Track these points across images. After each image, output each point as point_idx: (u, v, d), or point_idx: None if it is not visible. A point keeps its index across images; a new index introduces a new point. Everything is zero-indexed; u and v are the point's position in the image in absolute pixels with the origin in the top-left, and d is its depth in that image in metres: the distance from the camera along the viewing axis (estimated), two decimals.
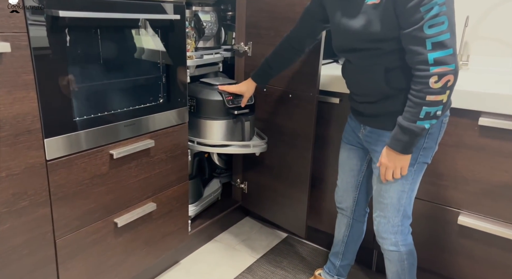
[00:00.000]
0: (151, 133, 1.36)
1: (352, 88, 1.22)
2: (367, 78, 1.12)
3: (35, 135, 1.00)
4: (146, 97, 1.35)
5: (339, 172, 1.41)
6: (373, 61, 1.08)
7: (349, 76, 1.21)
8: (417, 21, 0.94)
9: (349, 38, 1.10)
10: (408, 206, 1.19)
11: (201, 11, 1.68)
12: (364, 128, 1.23)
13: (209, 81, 1.66)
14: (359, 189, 1.37)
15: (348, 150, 1.34)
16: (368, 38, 1.04)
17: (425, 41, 0.94)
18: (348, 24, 1.08)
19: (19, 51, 0.92)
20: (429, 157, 1.15)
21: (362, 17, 1.04)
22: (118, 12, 1.14)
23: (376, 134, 1.18)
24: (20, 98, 0.95)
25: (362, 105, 1.20)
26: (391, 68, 1.06)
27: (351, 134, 1.31)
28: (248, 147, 1.63)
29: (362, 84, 1.15)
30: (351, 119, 1.32)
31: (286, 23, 1.57)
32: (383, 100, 1.11)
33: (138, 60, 1.33)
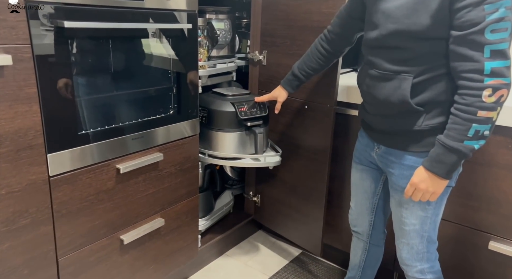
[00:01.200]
0: (160, 146, 1.30)
1: (367, 97, 1.09)
2: (390, 86, 0.98)
3: (38, 150, 0.96)
4: (155, 109, 1.30)
5: (352, 193, 1.30)
6: (403, 66, 0.95)
7: (367, 82, 1.07)
8: (478, 22, 0.81)
9: (384, 29, 0.95)
10: (433, 231, 1.08)
11: (215, 19, 1.63)
12: (378, 146, 1.11)
13: (222, 91, 1.60)
14: (375, 212, 1.26)
15: (361, 171, 1.22)
16: (408, 34, 0.91)
17: (484, 47, 0.81)
18: (388, 11, 0.94)
19: (22, 64, 0.88)
20: (454, 180, 1.04)
21: (408, 6, 0.90)
22: (127, 22, 1.09)
23: (393, 155, 1.06)
24: (22, 112, 0.91)
25: (377, 119, 1.08)
26: (421, 78, 0.94)
27: (363, 153, 1.20)
28: (261, 160, 1.55)
29: (382, 94, 1.01)
30: (362, 136, 1.21)
31: (303, 32, 1.50)
32: (402, 115, 0.99)
33: (147, 70, 1.29)
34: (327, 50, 1.26)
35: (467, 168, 1.26)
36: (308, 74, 1.32)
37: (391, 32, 0.94)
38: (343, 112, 1.54)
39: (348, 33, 1.21)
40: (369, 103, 1.09)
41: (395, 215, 1.11)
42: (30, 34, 0.88)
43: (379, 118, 1.07)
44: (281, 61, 1.62)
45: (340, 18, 1.20)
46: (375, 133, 1.11)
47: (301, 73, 1.33)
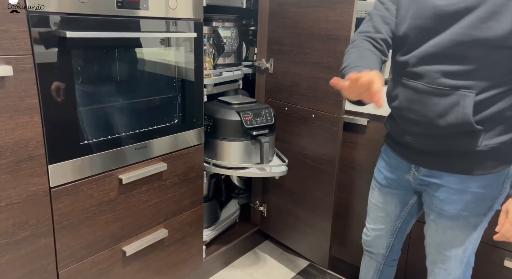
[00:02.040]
0: (164, 156, 1.28)
1: (408, 114, 0.92)
2: (445, 104, 0.83)
3: (38, 161, 0.94)
4: (160, 118, 1.29)
5: (369, 214, 1.18)
6: (464, 80, 0.80)
7: (408, 98, 0.90)
8: None
9: (438, 36, 0.80)
10: (472, 255, 1.01)
11: (221, 27, 1.62)
12: (417, 169, 0.98)
13: (227, 99, 1.58)
14: (396, 235, 1.15)
15: (385, 194, 1.09)
16: (481, 41, 0.76)
17: None
18: (451, 18, 0.78)
19: (23, 74, 0.87)
20: (501, 203, 0.94)
21: (483, 7, 0.75)
22: (130, 31, 1.08)
23: (438, 178, 0.94)
24: (23, 123, 0.90)
25: (420, 139, 0.93)
26: (485, 95, 0.81)
27: (392, 175, 1.05)
28: (266, 170, 1.52)
29: (434, 112, 0.85)
30: (389, 156, 1.06)
31: (310, 40, 1.47)
32: (459, 135, 0.85)
33: (152, 79, 1.28)
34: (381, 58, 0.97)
35: None
36: None
37: (457, 39, 0.79)
38: (351, 122, 1.50)
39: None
40: (410, 122, 0.93)
41: (434, 240, 1.01)
42: (32, 44, 0.88)
43: (423, 139, 0.93)
44: (288, 69, 1.59)
45: (386, 24, 0.96)
46: (415, 154, 0.97)
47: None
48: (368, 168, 1.47)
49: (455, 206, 0.94)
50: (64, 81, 0.96)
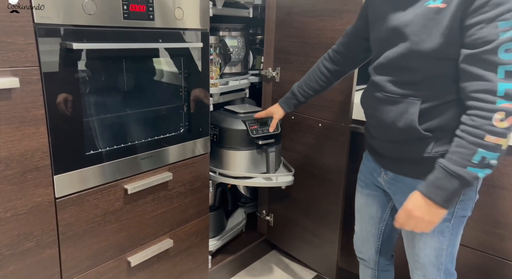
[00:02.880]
0: (169, 165, 1.28)
1: (372, 121, 1.01)
2: (396, 110, 0.91)
3: (44, 172, 0.95)
4: (166, 127, 1.29)
5: (356, 218, 1.21)
6: (411, 89, 0.88)
7: (372, 105, 0.99)
8: (491, 40, 0.75)
9: (393, 48, 0.89)
10: (450, 263, 1.00)
11: (228, 36, 1.62)
12: (385, 172, 1.04)
13: (234, 108, 1.58)
14: (381, 238, 1.17)
15: (366, 196, 1.14)
16: (419, 53, 0.84)
17: (498, 67, 0.75)
18: (397, 28, 0.87)
19: (30, 86, 0.88)
20: (468, 209, 0.96)
21: (416, 22, 0.84)
22: (137, 42, 1.09)
23: (401, 183, 0.99)
24: (29, 134, 0.90)
25: (383, 144, 1.01)
26: (430, 103, 0.87)
27: (368, 176, 1.12)
28: (273, 180, 1.51)
29: (388, 118, 0.93)
30: (367, 159, 1.13)
31: (316, 49, 1.47)
32: (411, 141, 0.92)
33: (158, 89, 1.28)
34: (329, 70, 1.19)
35: (493, 194, 1.18)
36: (307, 94, 1.25)
37: (400, 51, 0.88)
38: (358, 131, 1.48)
39: (353, 53, 1.15)
40: (374, 127, 1.02)
41: (408, 246, 1.03)
42: (39, 56, 0.89)
43: (386, 144, 1.00)
44: (294, 78, 1.58)
45: (346, 37, 1.14)
46: (382, 159, 1.04)
47: (299, 92, 1.26)
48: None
49: None
50: (70, 92, 0.97)
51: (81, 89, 1.00)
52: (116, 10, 1.02)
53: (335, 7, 1.36)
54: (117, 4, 1.01)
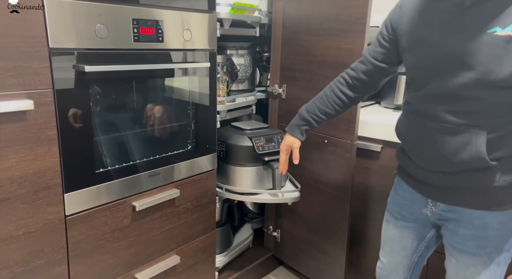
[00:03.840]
0: (176, 182, 1.30)
1: (420, 151, 0.93)
2: (458, 142, 0.83)
3: (55, 190, 0.97)
4: (173, 145, 1.31)
5: (384, 247, 1.14)
6: (473, 119, 0.81)
7: (418, 136, 0.91)
8: None
9: (445, 77, 0.82)
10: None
11: (235, 54, 1.66)
12: (434, 203, 0.97)
13: (240, 125, 1.60)
14: (412, 269, 1.11)
15: (401, 228, 1.06)
16: (485, 83, 0.77)
17: None
18: (452, 56, 0.80)
19: (43, 107, 0.92)
20: None
21: (484, 51, 0.77)
22: (146, 63, 1.12)
23: (457, 213, 0.92)
24: (42, 153, 0.93)
25: (434, 175, 0.92)
26: (496, 132, 0.81)
27: (409, 209, 1.03)
28: (279, 196, 1.52)
29: (448, 149, 0.85)
30: (404, 189, 1.04)
31: (322, 67, 1.49)
32: (473, 171, 0.85)
33: (166, 108, 1.31)
34: (348, 97, 1.10)
35: None
36: (321, 119, 1.14)
37: (463, 81, 0.80)
38: (365, 148, 1.49)
39: (376, 80, 1.07)
40: (422, 158, 0.94)
41: (456, 277, 0.97)
42: (53, 79, 0.92)
43: (439, 174, 0.92)
44: (300, 95, 1.61)
45: (367, 64, 1.05)
46: (431, 189, 0.96)
47: (312, 118, 1.14)
48: (383, 195, 1.44)
49: (476, 243, 0.91)
50: (81, 112, 1.00)
51: (92, 109, 1.04)
52: (126, 33, 1.05)
53: (340, 26, 1.39)
54: (128, 28, 1.05)
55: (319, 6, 1.46)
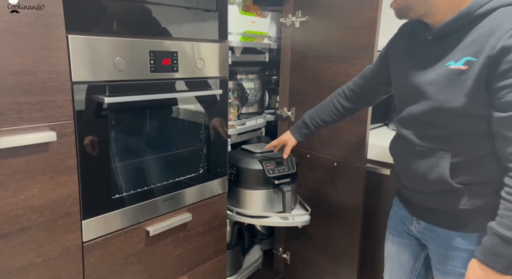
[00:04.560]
0: (189, 206, 1.32)
1: (403, 171, 1.02)
2: (427, 163, 0.91)
3: (74, 217, 1.00)
4: (186, 169, 1.34)
5: (386, 266, 1.19)
6: (440, 143, 0.89)
7: (401, 157, 1.02)
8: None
9: (417, 105, 0.90)
10: None
11: (245, 79, 1.70)
12: (417, 222, 1.03)
13: (250, 148, 1.63)
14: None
15: (397, 244, 1.12)
16: (442, 110, 0.85)
17: None
18: (420, 87, 0.89)
19: (64, 138, 0.95)
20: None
21: (439, 82, 0.85)
22: (162, 92, 1.16)
23: (434, 233, 0.98)
24: (62, 182, 0.96)
25: (414, 195, 1.01)
26: (461, 158, 0.87)
27: (400, 224, 1.10)
28: (289, 219, 1.53)
29: (419, 171, 0.94)
30: (398, 206, 1.12)
31: (330, 91, 1.50)
32: (443, 193, 0.91)
33: (179, 134, 1.34)
34: (344, 107, 1.23)
35: None
36: (319, 125, 1.29)
37: (423, 108, 0.89)
38: (374, 171, 1.50)
39: (370, 95, 1.20)
40: (405, 177, 1.02)
41: None
42: (74, 111, 0.96)
43: (417, 194, 0.99)
44: None
45: (363, 79, 1.18)
46: (413, 208, 1.03)
47: (311, 123, 1.30)
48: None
49: (453, 263, 0.94)
50: (100, 141, 1.04)
51: (110, 137, 1.07)
52: (144, 65, 1.10)
53: (348, 53, 1.42)
54: (145, 60, 1.10)
55: (327, 33, 1.50)
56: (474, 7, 0.81)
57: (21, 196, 0.89)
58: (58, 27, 0.90)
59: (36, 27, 0.86)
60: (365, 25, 1.35)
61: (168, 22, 1.15)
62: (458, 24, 0.83)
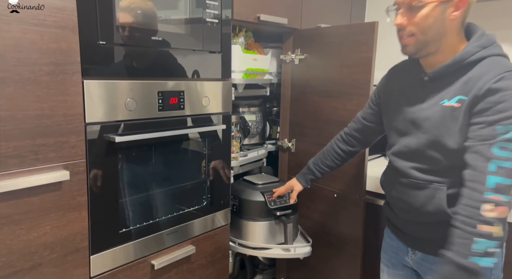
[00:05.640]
0: (192, 239, 1.35)
1: (398, 203, 1.06)
2: (424, 195, 0.97)
3: (83, 253, 1.03)
4: (190, 202, 1.38)
5: None
6: (435, 176, 0.95)
7: (396, 188, 1.05)
8: (489, 137, 0.84)
9: (414, 139, 0.97)
10: None
11: (247, 112, 1.77)
12: (413, 252, 1.07)
13: (252, 179, 1.67)
14: None
15: (393, 277, 1.15)
16: (437, 144, 0.92)
17: (491, 160, 0.83)
18: (418, 122, 0.96)
19: (77, 176, 1.00)
20: None
21: (435, 118, 0.93)
22: (169, 130, 1.22)
23: (431, 263, 1.01)
24: (73, 219, 1.00)
25: (409, 225, 1.05)
26: (456, 188, 0.92)
27: (394, 256, 1.13)
28: (291, 251, 1.55)
29: (416, 202, 0.98)
30: (390, 238, 1.15)
31: (330, 125, 1.58)
32: (440, 223, 0.95)
33: (184, 167, 1.39)
34: (343, 151, 1.29)
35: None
36: (324, 171, 1.34)
37: (421, 142, 0.96)
38: (373, 202, 1.54)
39: (366, 137, 1.26)
40: (400, 209, 1.07)
41: None
42: (86, 150, 1.01)
43: (413, 224, 1.04)
44: (309, 150, 1.69)
45: (357, 123, 1.26)
46: (409, 238, 1.07)
47: (316, 169, 1.35)
48: None
49: None
50: (109, 178, 1.08)
51: (118, 174, 1.12)
52: (152, 104, 1.16)
53: (345, 90, 1.50)
54: (154, 100, 1.16)
55: (325, 71, 1.58)
56: (466, 55, 0.91)
57: (34, 233, 0.93)
58: (74, 74, 0.97)
59: (55, 75, 0.93)
60: (361, 64, 1.43)
61: (176, 63, 1.22)
62: (452, 68, 0.92)
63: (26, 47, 0.87)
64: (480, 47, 0.90)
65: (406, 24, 0.91)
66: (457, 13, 0.90)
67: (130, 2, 1.07)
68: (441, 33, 0.91)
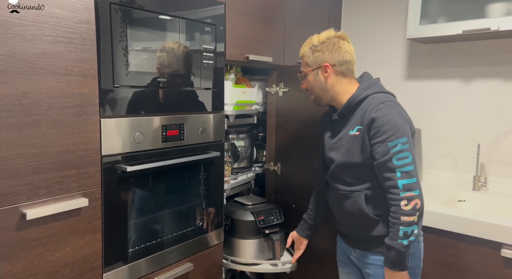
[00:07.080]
0: (190, 257, 1.49)
1: (337, 212, 1.35)
2: (350, 202, 1.25)
3: (97, 271, 1.16)
4: (188, 222, 1.52)
5: None
6: (354, 186, 1.24)
7: (335, 200, 1.34)
8: (385, 154, 1.14)
9: (335, 164, 1.27)
10: None
11: (236, 138, 1.94)
12: (354, 251, 1.32)
13: (242, 200, 1.83)
14: None
15: (347, 274, 1.41)
16: (349, 164, 1.23)
17: (395, 170, 1.13)
18: (335, 151, 1.28)
19: (93, 203, 1.14)
20: (417, 275, 1.25)
21: (345, 146, 1.24)
22: (172, 158, 1.37)
23: (366, 257, 1.27)
24: (89, 241, 1.13)
25: (347, 229, 1.33)
26: (370, 194, 1.21)
27: (344, 256, 1.40)
28: (278, 266, 1.70)
29: (346, 209, 1.27)
30: (339, 242, 1.42)
31: (313, 150, 1.75)
32: (365, 225, 1.23)
33: (184, 191, 1.54)
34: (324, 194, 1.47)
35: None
36: (315, 216, 1.52)
37: (338, 164, 1.27)
38: None
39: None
40: (339, 216, 1.35)
41: None
42: (102, 179, 1.16)
43: (349, 228, 1.32)
44: (294, 172, 1.86)
45: (321, 166, 1.47)
46: (350, 240, 1.34)
47: (307, 218, 1.54)
48: None
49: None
50: (121, 203, 1.22)
51: (128, 199, 1.26)
52: (157, 137, 1.32)
53: None
54: (158, 133, 1.32)
55: (307, 103, 1.77)
56: (355, 96, 1.24)
57: (58, 254, 1.06)
58: (94, 114, 1.12)
59: (78, 116, 1.08)
60: None
61: (177, 100, 1.39)
62: (349, 107, 1.25)
63: (56, 94, 1.02)
64: (364, 89, 1.23)
65: (305, 87, 1.34)
66: (328, 74, 1.26)
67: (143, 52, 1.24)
68: (324, 88, 1.28)
